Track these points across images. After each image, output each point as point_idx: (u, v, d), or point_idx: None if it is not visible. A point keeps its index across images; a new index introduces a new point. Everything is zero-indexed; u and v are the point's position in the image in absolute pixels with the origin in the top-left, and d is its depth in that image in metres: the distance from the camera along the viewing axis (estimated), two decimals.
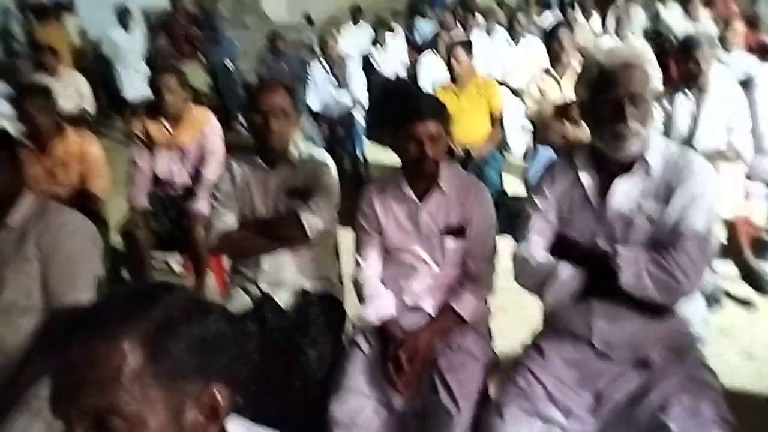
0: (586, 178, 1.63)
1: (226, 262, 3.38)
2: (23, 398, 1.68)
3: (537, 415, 1.53)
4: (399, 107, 1.85)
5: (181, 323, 0.73)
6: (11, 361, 1.78)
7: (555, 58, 3.59)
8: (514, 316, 2.49)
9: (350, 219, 2.15)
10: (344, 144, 4.85)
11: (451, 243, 1.89)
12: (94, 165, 3.03)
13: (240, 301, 2.08)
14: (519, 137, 5.23)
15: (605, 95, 1.53)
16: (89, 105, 5.70)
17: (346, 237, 2.29)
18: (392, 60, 6.59)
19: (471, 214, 1.89)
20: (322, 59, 5.02)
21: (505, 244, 1.94)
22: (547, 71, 3.61)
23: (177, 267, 3.69)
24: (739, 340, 2.71)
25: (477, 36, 5.65)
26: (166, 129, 3.15)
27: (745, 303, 3.00)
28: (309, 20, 13.02)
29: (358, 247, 1.99)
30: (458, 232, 1.89)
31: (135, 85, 6.61)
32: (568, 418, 1.52)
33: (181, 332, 0.72)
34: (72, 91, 5.39)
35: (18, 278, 1.80)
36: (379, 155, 5.47)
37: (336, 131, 4.83)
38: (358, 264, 1.99)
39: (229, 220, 2.10)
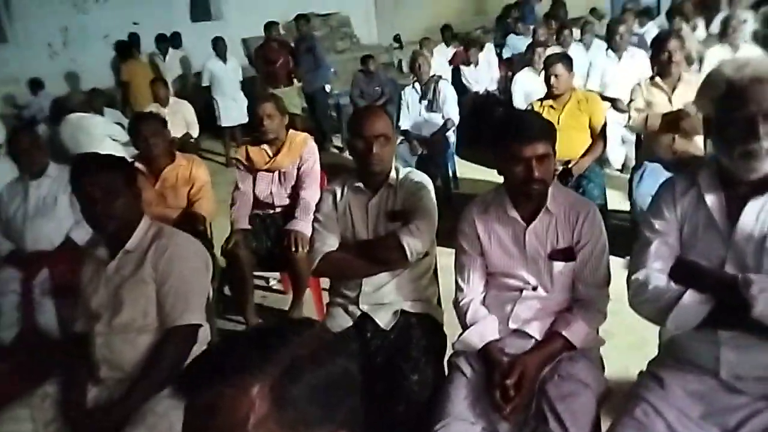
0: (711, 199, 1.51)
1: (323, 282, 3.45)
2: (139, 413, 1.76)
3: None
4: (506, 128, 1.81)
5: (307, 368, 0.72)
6: (128, 377, 1.88)
7: (663, 68, 3.40)
8: (620, 342, 2.36)
9: (444, 238, 2.13)
10: (436, 163, 4.83)
11: (559, 266, 1.81)
12: (202, 188, 3.19)
13: (339, 321, 2.10)
14: (618, 150, 5.01)
15: (736, 112, 1.42)
16: (195, 131, 6.06)
17: (441, 256, 2.26)
18: (484, 77, 6.53)
19: (581, 236, 1.80)
20: (414, 80, 5.04)
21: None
22: (654, 83, 3.42)
23: (276, 285, 3.79)
24: None
25: (574, 50, 5.49)
26: (267, 153, 3.26)
27: None
28: (398, 42, 13.22)
29: (460, 270, 1.95)
30: (567, 255, 1.80)
31: (231, 113, 6.96)
32: None
33: (307, 378, 0.71)
34: (180, 119, 5.75)
35: (135, 299, 1.90)
36: (470, 173, 5.41)
37: (427, 150, 4.82)
38: (458, 287, 1.94)
39: (330, 243, 2.12)
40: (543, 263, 1.82)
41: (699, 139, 3.18)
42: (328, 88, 7.49)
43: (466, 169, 5.48)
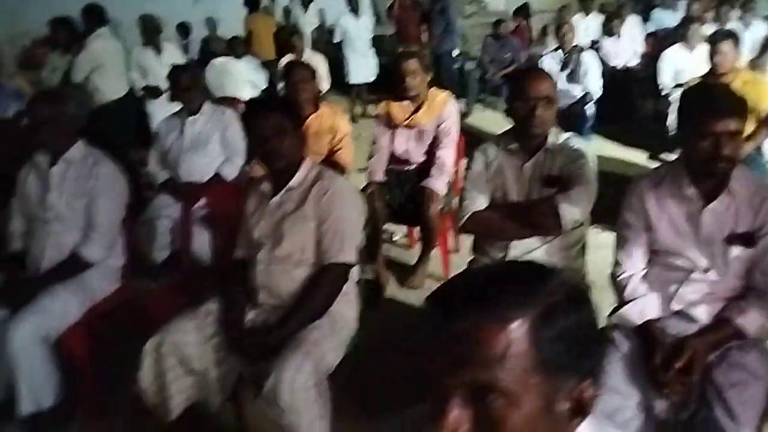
0: None
1: (452, 241, 3.47)
2: (294, 339, 1.87)
3: None
4: (697, 100, 1.71)
5: (563, 312, 0.71)
6: (284, 304, 2.00)
7: None
8: None
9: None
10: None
11: (736, 251, 1.70)
12: (343, 138, 3.27)
13: None
14: None
15: None
16: (325, 85, 6.20)
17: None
18: (625, 50, 6.16)
19: (765, 221, 1.68)
20: (554, 49, 4.85)
21: None
22: None
23: (401, 239, 3.86)
24: None
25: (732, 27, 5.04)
26: (407, 110, 3.28)
27: None
28: (526, 10, 12.73)
29: (622, 243, 1.88)
30: (747, 240, 1.69)
31: (360, 70, 7.04)
32: None
33: (563, 322, 0.71)
34: None
35: (295, 234, 2.01)
36: (606, 150, 5.17)
37: (564, 121, 4.65)
38: (618, 261, 1.88)
39: (480, 202, 2.13)
40: (718, 246, 1.71)
41: None
42: (455, 52, 7.39)
43: (601, 146, 5.26)
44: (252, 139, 2.01)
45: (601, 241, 2.85)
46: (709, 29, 5.06)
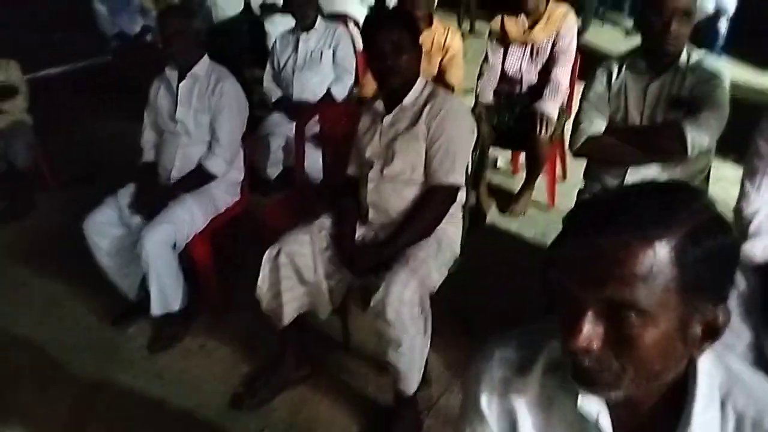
0: None
1: (559, 169, 3.37)
2: (402, 255, 1.93)
3: None
4: None
5: (707, 235, 0.70)
6: (393, 222, 2.06)
7: None
8: None
9: None
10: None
11: None
12: (454, 57, 3.20)
13: None
14: None
15: None
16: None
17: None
18: None
19: None
20: None
21: None
22: None
23: (504, 165, 3.80)
24: None
25: None
26: (523, 25, 3.13)
27: None
28: None
29: (750, 174, 1.74)
30: None
31: None
32: None
33: (707, 243, 0.70)
34: None
35: (406, 153, 2.02)
36: (740, 75, 4.71)
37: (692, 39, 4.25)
38: (744, 193, 1.76)
39: (599, 124, 2.03)
40: None
41: None
42: None
43: (733, 69, 4.78)
44: (370, 54, 1.99)
45: (721, 174, 2.66)
46: None
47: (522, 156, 3.59)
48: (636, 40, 2.04)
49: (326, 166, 2.78)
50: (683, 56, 1.93)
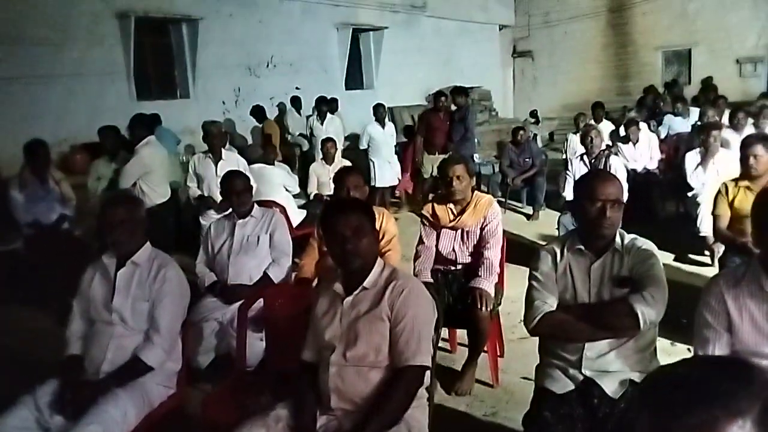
0: None
1: (499, 347, 3.41)
2: None
3: None
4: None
5: None
6: (358, 409, 1.96)
7: None
8: None
9: None
10: None
11: None
12: (391, 240, 3.32)
13: (562, 384, 2.06)
14: None
15: None
16: None
17: None
18: (643, 155, 6.39)
19: None
20: (582, 154, 5.05)
21: None
22: None
23: (441, 343, 3.79)
24: None
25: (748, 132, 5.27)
26: (452, 212, 3.37)
27: None
28: (535, 117, 13.35)
29: (702, 345, 1.86)
30: None
31: (385, 175, 7.31)
32: None
33: None
34: None
35: (371, 334, 1.99)
36: None
37: None
38: None
39: (551, 303, 2.12)
40: None
41: None
42: (476, 157, 7.67)
43: None
44: (330, 238, 2.04)
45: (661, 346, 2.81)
46: (727, 134, 5.30)
47: (458, 333, 3.63)
48: (536, 225, 2.23)
49: (270, 350, 2.66)
50: (617, 238, 2.12)
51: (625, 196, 4.80)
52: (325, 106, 8.47)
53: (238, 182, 3.50)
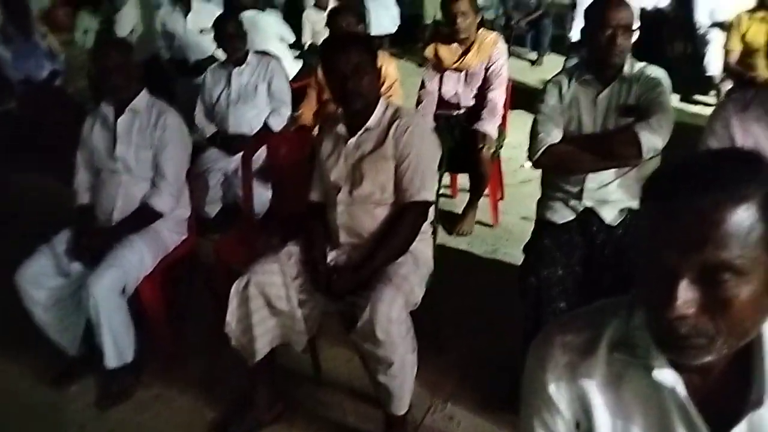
0: None
1: (499, 190, 3.47)
2: (383, 273, 1.90)
3: None
4: None
5: None
6: (365, 243, 2.03)
7: None
8: None
9: None
10: None
11: None
12: (393, 84, 3.26)
13: (563, 214, 2.12)
14: None
15: None
16: None
17: None
18: None
19: None
20: None
21: None
22: None
23: (443, 189, 3.85)
24: None
25: None
26: (456, 52, 3.25)
27: None
28: None
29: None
30: None
31: (382, 21, 6.94)
32: None
33: None
34: None
35: (376, 173, 2.01)
36: None
37: None
38: None
39: (555, 135, 2.12)
40: None
41: None
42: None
43: None
44: (330, 78, 1.98)
45: None
46: None
47: (459, 179, 3.68)
48: (541, 70, 2.16)
49: (277, 198, 2.71)
50: (626, 67, 2.06)
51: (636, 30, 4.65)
52: None
53: (228, 26, 3.33)
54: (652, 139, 1.96)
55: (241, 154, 2.96)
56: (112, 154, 2.43)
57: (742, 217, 0.70)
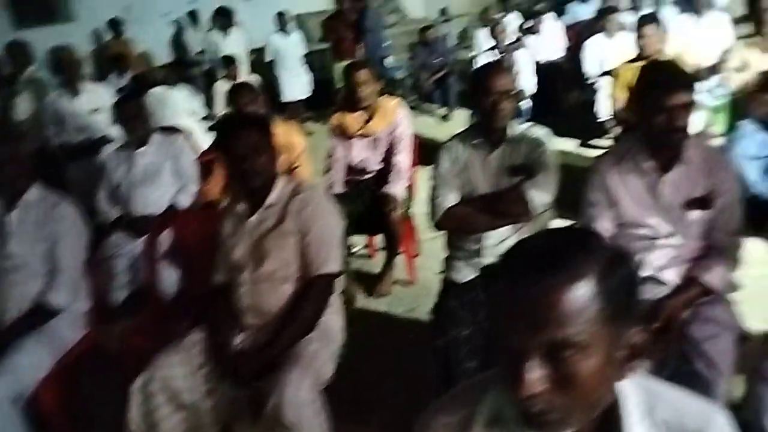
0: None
1: (414, 247, 3.52)
2: (291, 355, 1.86)
3: None
4: (650, 78, 1.84)
5: (619, 265, 0.78)
6: (268, 323, 1.99)
7: (756, 26, 3.35)
8: None
9: None
10: None
11: (695, 215, 1.84)
12: (300, 154, 3.28)
13: (465, 273, 2.17)
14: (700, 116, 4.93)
15: None
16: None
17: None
18: (548, 46, 6.45)
19: (717, 184, 1.82)
20: (489, 49, 5.05)
21: None
22: (751, 41, 3.38)
23: (361, 250, 3.88)
24: None
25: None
26: (361, 120, 3.33)
27: None
28: (445, 15, 13.09)
29: (588, 222, 1.98)
30: (702, 203, 1.83)
31: (294, 88, 7.07)
32: None
33: (620, 273, 0.78)
34: None
35: (279, 250, 2.00)
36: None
37: None
38: None
39: (452, 197, 2.19)
40: (678, 212, 1.85)
41: None
42: (387, 61, 7.52)
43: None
44: (227, 158, 1.99)
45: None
46: (626, 17, 5.40)
47: (376, 240, 3.71)
48: (450, 125, 2.27)
49: (185, 277, 2.64)
50: (511, 129, 2.18)
51: (531, 88, 4.95)
52: (226, 18, 7.95)
53: (129, 108, 3.28)
54: (539, 196, 2.06)
55: (166, 232, 2.87)
56: (3, 251, 2.31)
57: (579, 295, 0.74)
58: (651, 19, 3.77)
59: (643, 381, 0.89)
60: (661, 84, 1.77)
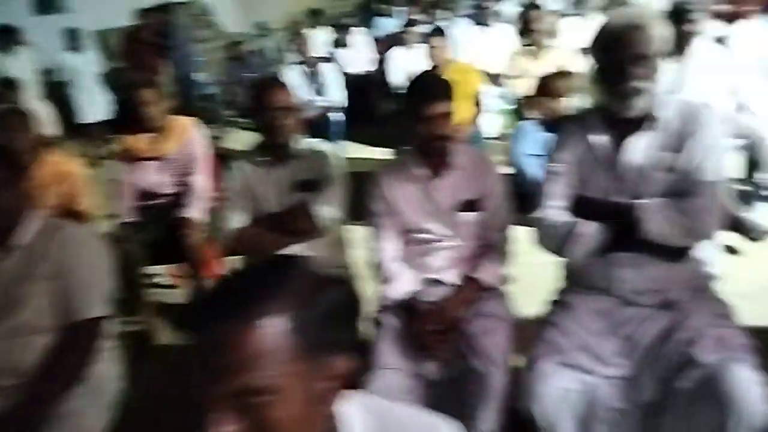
0: (598, 139, 1.66)
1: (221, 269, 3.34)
2: (56, 415, 1.63)
3: (569, 365, 1.55)
4: (411, 90, 1.89)
5: (321, 296, 0.72)
6: (25, 381, 1.72)
7: (529, 37, 3.68)
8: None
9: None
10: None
11: (467, 217, 1.91)
12: (77, 184, 2.95)
13: None
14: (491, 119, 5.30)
15: (610, 56, 1.56)
16: (52, 130, 5.55)
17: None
18: (358, 58, 6.60)
19: (485, 187, 1.92)
20: (295, 62, 5.01)
21: None
22: (527, 50, 3.70)
23: (165, 280, 3.60)
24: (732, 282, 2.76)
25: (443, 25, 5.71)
26: (149, 141, 3.09)
27: (732, 251, 3.09)
28: (263, 29, 12.96)
29: (374, 233, 1.99)
30: (474, 206, 1.91)
31: (91, 109, 6.52)
32: (599, 364, 1.56)
33: (322, 305, 0.72)
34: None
35: (31, 297, 1.74)
36: (357, 152, 5.48)
37: (312, 131, 4.82)
38: (374, 248, 1.98)
39: (240, 219, 2.10)
40: (451, 215, 1.91)
41: (566, 99, 3.47)
42: (196, 77, 7.19)
43: (353, 149, 5.54)
44: None
45: (361, 237, 2.99)
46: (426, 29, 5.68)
47: (180, 267, 3.46)
48: None
49: None
50: (295, 145, 2.13)
51: (342, 100, 4.98)
52: (9, 37, 7.06)
53: None
54: (327, 211, 2.04)
55: None
56: None
57: (267, 334, 0.67)
58: (438, 31, 4.00)
59: (369, 402, 0.85)
60: (421, 94, 1.82)
